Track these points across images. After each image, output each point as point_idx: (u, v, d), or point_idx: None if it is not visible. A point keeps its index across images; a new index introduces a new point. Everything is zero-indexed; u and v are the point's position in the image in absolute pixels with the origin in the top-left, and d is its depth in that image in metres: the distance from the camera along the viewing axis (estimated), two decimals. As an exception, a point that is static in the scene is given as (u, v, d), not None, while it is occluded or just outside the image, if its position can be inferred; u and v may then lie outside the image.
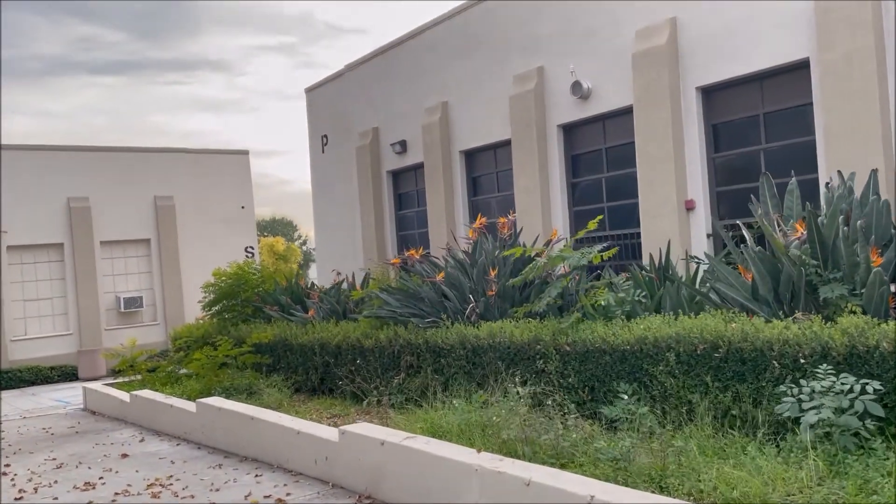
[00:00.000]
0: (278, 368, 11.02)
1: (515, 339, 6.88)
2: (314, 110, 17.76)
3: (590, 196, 10.98)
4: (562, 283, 6.72)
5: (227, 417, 8.00)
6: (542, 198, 11.08)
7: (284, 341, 10.86)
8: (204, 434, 8.52)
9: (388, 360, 8.60)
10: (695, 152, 9.11)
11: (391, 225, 15.17)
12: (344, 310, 11.62)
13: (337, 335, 9.71)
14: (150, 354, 14.20)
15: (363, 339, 9.06)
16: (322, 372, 9.98)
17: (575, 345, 6.25)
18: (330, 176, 17.27)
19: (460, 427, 5.94)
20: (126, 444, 9.17)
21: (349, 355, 9.34)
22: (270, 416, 7.27)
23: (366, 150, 15.32)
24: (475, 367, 7.42)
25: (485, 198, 13.04)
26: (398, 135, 14.56)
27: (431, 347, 7.95)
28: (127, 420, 11.12)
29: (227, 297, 13.42)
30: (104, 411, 12.25)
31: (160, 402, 9.90)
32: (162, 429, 9.83)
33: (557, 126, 11.09)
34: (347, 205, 16.59)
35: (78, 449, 9.06)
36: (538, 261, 6.92)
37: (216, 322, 13.55)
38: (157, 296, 23.34)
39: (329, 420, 8.42)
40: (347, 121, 16.25)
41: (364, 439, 5.68)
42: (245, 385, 10.33)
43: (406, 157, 14.48)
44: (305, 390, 10.39)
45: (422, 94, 13.87)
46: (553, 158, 11.14)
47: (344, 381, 9.49)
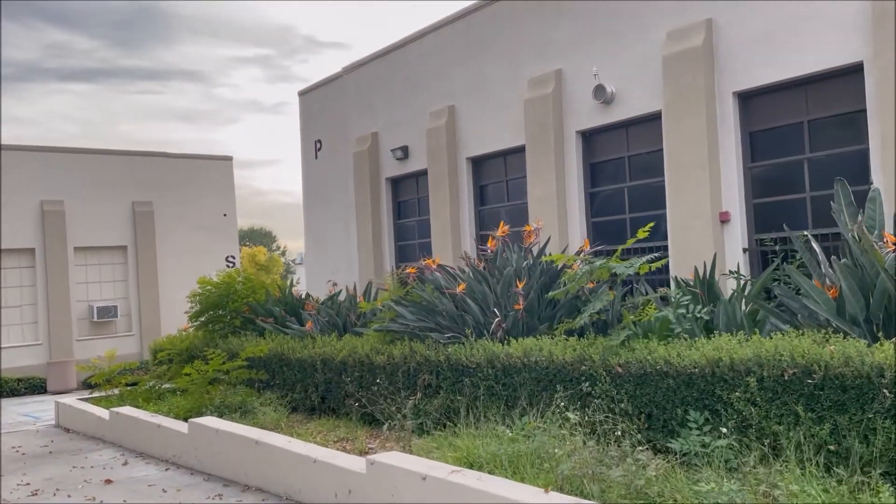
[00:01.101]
0: (272, 385, 10.21)
1: (556, 359, 6.22)
2: (308, 114, 17.04)
3: (610, 206, 10.41)
4: (607, 297, 6.07)
5: (226, 440, 7.21)
6: (558, 207, 10.48)
7: (281, 356, 10.07)
8: (198, 458, 7.69)
9: (403, 378, 7.88)
10: (731, 161, 8.58)
11: (389, 235, 14.46)
12: (344, 323, 10.88)
13: (342, 350, 8.95)
14: (127, 367, 13.28)
15: (373, 354, 8.32)
16: (323, 390, 9.20)
17: (629, 366, 5.61)
18: (323, 183, 16.52)
19: (506, 458, 5.24)
20: (108, 467, 8.30)
21: (356, 372, 8.59)
22: (279, 441, 6.50)
23: (364, 155, 14.62)
24: (505, 388, 6.74)
25: (493, 207, 12.41)
26: (399, 140, 13.90)
27: (454, 365, 7.25)
28: (105, 439, 10.22)
29: (214, 308, 12.57)
30: (79, 429, 11.31)
31: (145, 421, 9.04)
32: (146, 450, 8.97)
33: (576, 132, 10.51)
34: (341, 213, 15.85)
35: (54, 472, 8.17)
36: (579, 271, 6.27)
37: (202, 334, 12.69)
38: (132, 305, 22.30)
39: (337, 444, 7.65)
40: (344, 126, 15.55)
41: (399, 472, 4.95)
42: (238, 403, 9.52)
43: (407, 163, 13.82)
44: (303, 410, 9.60)
45: (426, 98, 13.25)
46: (571, 166, 10.55)
47: (349, 400, 8.74)
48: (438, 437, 6.69)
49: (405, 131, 13.79)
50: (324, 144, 16.42)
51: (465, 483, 4.41)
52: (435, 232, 12.82)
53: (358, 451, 7.24)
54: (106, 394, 12.54)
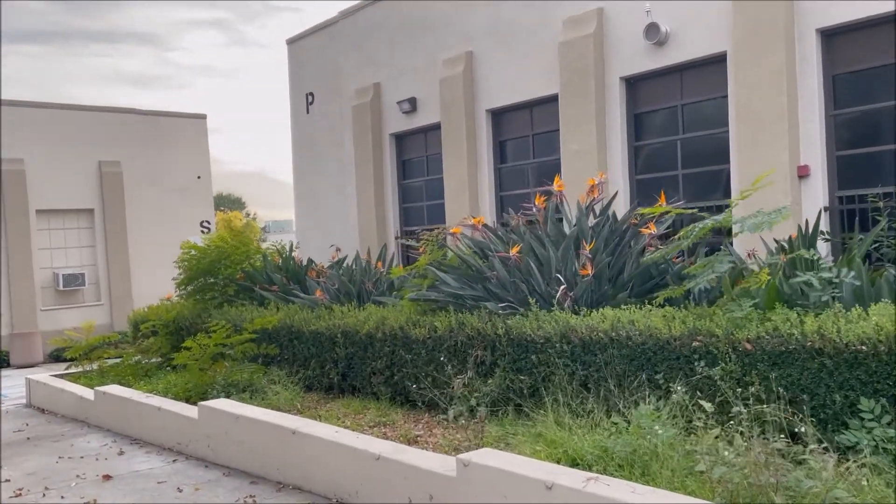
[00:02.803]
0: (279, 361, 9.08)
1: (658, 333, 5.23)
2: (297, 65, 15.62)
3: (658, 161, 9.41)
4: (728, 259, 5.08)
5: (249, 428, 6.10)
6: (598, 163, 9.45)
7: (290, 328, 8.93)
8: (212, 448, 6.57)
9: (448, 354, 6.83)
10: (812, 109, 7.63)
11: (394, 196, 13.29)
12: (359, 291, 9.76)
13: (367, 322, 7.86)
14: (107, 340, 11.98)
15: (409, 327, 7.25)
16: (344, 367, 8.12)
17: (761, 341, 4.65)
18: (315, 139, 15.21)
19: (622, 455, 4.25)
20: (101, 457, 7.13)
21: (386, 347, 7.52)
22: (323, 431, 5.42)
23: (365, 109, 13.35)
24: (584, 367, 5.74)
25: (516, 165, 11.32)
26: (406, 91, 12.66)
27: (516, 340, 6.22)
28: (89, 422, 9.02)
29: (205, 275, 11.30)
30: (56, 409, 10.06)
31: (140, 403, 7.86)
32: (142, 436, 7.81)
33: (620, 78, 9.44)
34: (337, 173, 14.60)
35: (38, 464, 6.97)
36: (696, 226, 5.26)
37: (191, 304, 11.43)
38: (101, 273, 20.75)
39: (374, 430, 6.61)
40: (340, 76, 14.22)
41: (507, 478, 3.91)
42: (245, 382, 8.39)
43: (415, 117, 12.61)
44: (319, 388, 8.50)
45: (438, 45, 12.01)
46: (613, 117, 9.50)
47: (377, 379, 7.68)
48: (516, 426, 5.69)
49: (413, 81, 12.55)
50: (316, 97, 15.07)
51: (616, 498, 3.39)
52: (449, 192, 11.71)
53: (403, 438, 6.21)
54: (83, 369, 11.28)
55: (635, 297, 6.43)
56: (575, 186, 8.92)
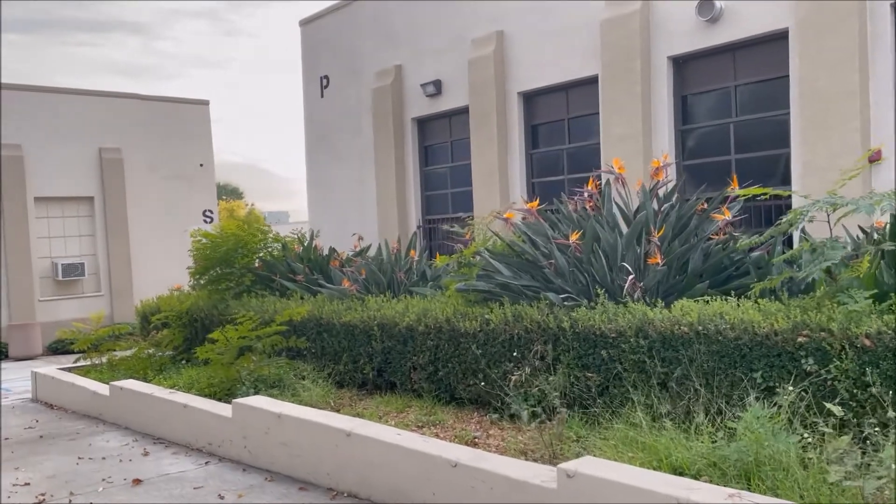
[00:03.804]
0: (306, 355, 8.56)
1: (756, 328, 4.75)
2: (311, 47, 15.03)
3: (708, 146, 8.93)
4: (841, 247, 4.60)
5: (295, 429, 5.58)
6: (643, 148, 8.96)
7: (319, 320, 8.41)
8: (248, 450, 6.06)
9: (501, 348, 6.33)
10: (886, 89, 7.16)
11: (415, 183, 12.75)
12: (390, 281, 9.26)
13: (407, 314, 7.35)
14: (116, 332, 11.42)
15: (458, 319, 6.74)
16: (380, 362, 7.61)
17: (882, 337, 4.17)
18: (330, 125, 14.63)
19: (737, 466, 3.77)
20: (124, 458, 6.60)
21: (429, 341, 7.01)
22: (384, 434, 4.91)
23: (385, 92, 12.80)
24: (664, 364, 5.26)
25: (550, 150, 10.81)
26: (431, 74, 12.12)
27: (583, 334, 5.73)
28: (104, 419, 8.49)
29: (221, 264, 10.75)
30: (66, 405, 9.52)
31: (163, 399, 7.33)
32: (164, 435, 7.29)
33: (668, 58, 8.94)
34: (353, 159, 14.05)
35: (57, 466, 6.44)
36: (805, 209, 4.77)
37: (205, 294, 10.87)
38: (101, 263, 20.11)
39: (422, 430, 6.11)
40: (358, 58, 13.65)
41: (628, 492, 3.41)
42: (274, 377, 7.88)
43: (440, 100, 12.07)
44: (352, 385, 7.99)
45: (466, 23, 11.46)
46: (659, 99, 9.01)
47: (418, 374, 7.19)
48: (587, 428, 5.20)
49: (438, 63, 12.01)
50: (331, 81, 14.49)
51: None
52: (478, 179, 11.19)
53: (459, 440, 5.71)
54: (92, 362, 10.73)
55: (710, 288, 5.95)
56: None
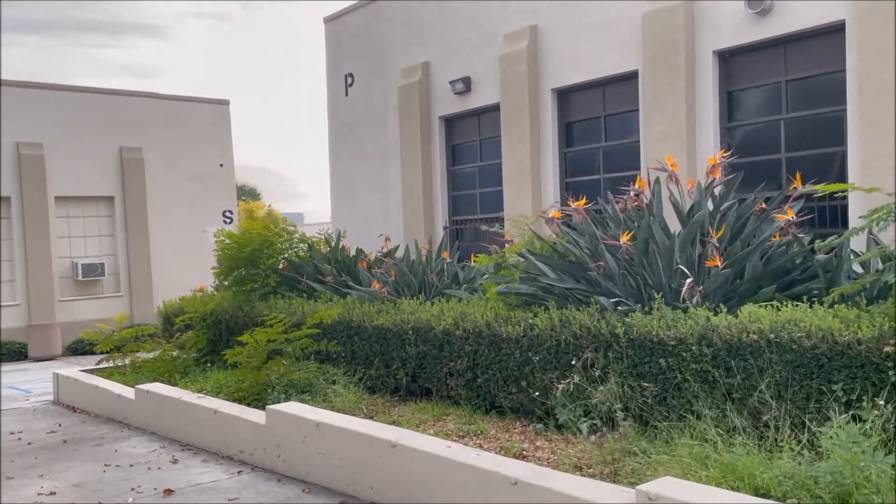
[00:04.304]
0: (335, 359, 8.28)
1: (835, 336, 4.40)
2: (335, 44, 14.78)
3: (756, 144, 8.56)
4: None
5: (334, 438, 5.29)
6: (687, 145, 8.61)
7: (350, 323, 8.12)
8: (283, 459, 5.77)
9: (546, 355, 6.01)
10: (952, 83, 6.80)
11: (442, 183, 12.46)
12: (421, 283, 8.96)
13: (444, 317, 7.04)
14: (139, 334, 11.20)
15: (499, 323, 6.43)
16: (415, 367, 7.30)
17: None
18: (355, 123, 14.37)
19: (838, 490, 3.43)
20: (153, 466, 6.34)
21: (468, 346, 6.70)
22: (431, 445, 4.61)
23: (412, 90, 12.51)
24: (729, 374, 4.92)
25: (585, 149, 10.47)
26: (460, 70, 11.81)
27: (638, 341, 5.40)
28: (129, 423, 8.25)
29: (247, 265, 10.50)
30: (90, 408, 9.30)
31: (193, 405, 7.07)
32: (194, 441, 7.02)
33: (713, 52, 8.59)
34: (378, 158, 13.77)
35: (83, 473, 6.18)
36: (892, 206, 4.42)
37: (230, 295, 10.62)
38: (120, 263, 19.96)
39: (463, 441, 5.80)
40: (385, 55, 13.38)
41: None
42: (304, 382, 7.60)
43: (469, 98, 11.77)
44: (384, 390, 7.70)
45: (497, 19, 11.15)
46: (704, 95, 8.66)
47: (455, 381, 6.88)
48: (644, 441, 4.87)
49: (467, 59, 11.71)
50: (356, 78, 14.23)
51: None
52: (509, 178, 10.87)
53: (505, 451, 5.40)
54: (114, 364, 10.52)
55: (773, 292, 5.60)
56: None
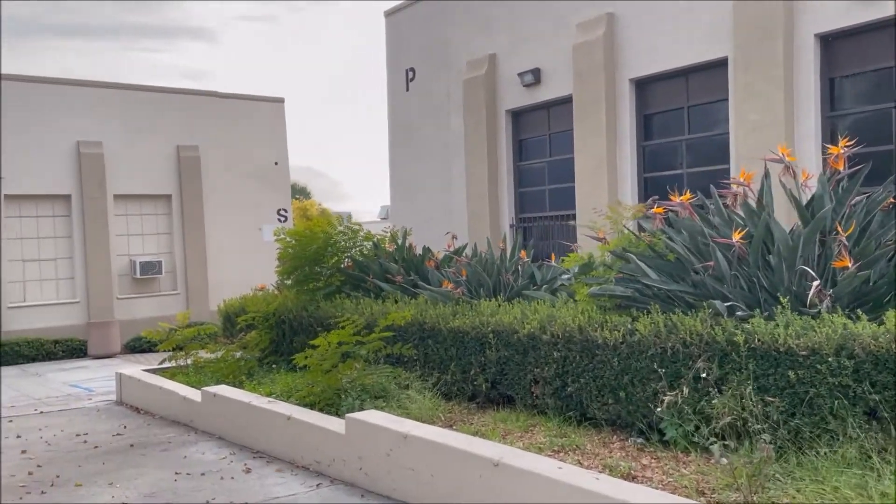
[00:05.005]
0: (406, 362, 7.88)
1: None
2: (396, 39, 14.44)
3: (865, 133, 7.84)
4: None
5: (425, 453, 4.87)
6: (785, 136, 7.98)
7: (423, 325, 7.71)
8: (366, 473, 5.38)
9: (649, 363, 5.50)
10: None
11: (509, 179, 11.99)
12: (495, 283, 8.52)
13: (528, 321, 6.57)
14: (203, 333, 10.99)
15: (592, 328, 5.93)
16: (495, 373, 6.85)
17: None
18: (416, 119, 14.00)
19: None
20: (225, 475, 6.02)
21: (556, 352, 6.22)
22: (540, 465, 4.13)
23: (478, 83, 12.07)
24: (875, 389, 4.34)
25: (666, 142, 9.88)
26: (529, 62, 11.33)
27: (761, 351, 4.85)
28: (195, 426, 7.99)
29: (311, 263, 10.19)
30: (154, 409, 9.09)
31: (264, 410, 6.75)
32: (265, 449, 6.70)
33: (815, 36, 7.94)
34: (440, 154, 13.37)
35: (154, 482, 5.89)
36: None
37: (293, 295, 10.33)
38: (177, 261, 20.00)
39: (557, 456, 5.33)
40: (448, 48, 12.97)
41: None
42: (378, 387, 7.22)
43: (538, 90, 11.28)
44: (461, 396, 7.26)
45: (570, 7, 10.64)
46: (804, 82, 8.02)
47: (540, 389, 6.41)
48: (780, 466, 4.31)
49: (537, 50, 11.21)
50: (417, 73, 13.86)
51: None
52: (582, 173, 10.34)
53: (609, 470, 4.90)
54: (177, 364, 10.32)
55: (912, 296, 4.99)
56: (751, 163, 7.49)
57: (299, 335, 9.51)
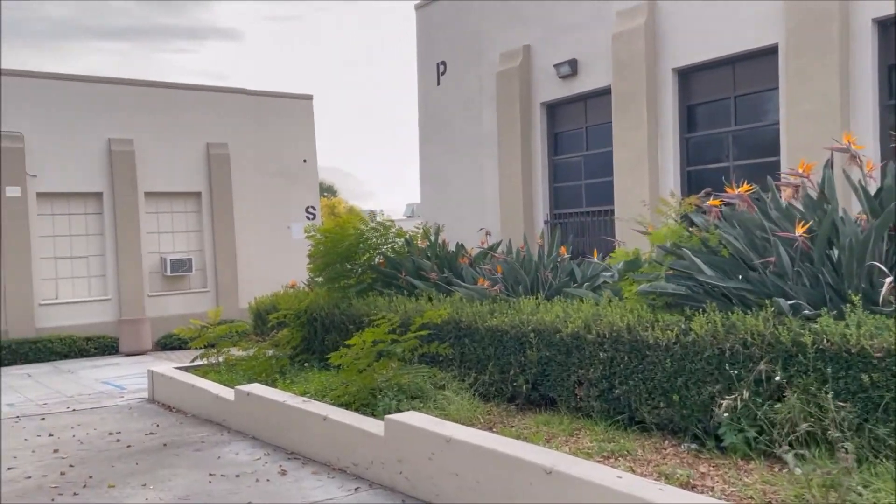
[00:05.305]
0: (441, 361, 7.65)
1: None
2: (427, 32, 14.20)
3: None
4: None
5: (470, 457, 4.62)
6: (840, 126, 7.59)
7: (458, 324, 7.47)
8: (407, 477, 5.16)
9: (706, 365, 5.19)
10: None
11: (543, 174, 11.70)
12: (533, 281, 8.24)
13: (572, 319, 6.29)
14: (235, 331, 10.85)
15: (643, 327, 5.64)
16: (536, 374, 6.58)
17: None
18: (446, 114, 13.76)
19: None
20: (261, 477, 5.84)
21: (602, 352, 5.93)
22: (598, 474, 3.87)
23: (511, 75, 11.79)
24: (960, 392, 4.00)
25: (711, 133, 9.53)
26: (565, 53, 11.03)
27: (831, 353, 4.52)
28: (228, 426, 7.84)
29: (342, 260, 10.00)
30: (186, 408, 8.97)
31: (299, 410, 6.56)
32: (300, 450, 6.51)
33: (872, 21, 7.56)
34: (471, 149, 13.12)
35: (188, 484, 5.73)
36: None
37: (324, 292, 10.15)
38: (207, 259, 20.00)
39: (608, 462, 5.04)
40: (481, 41, 12.71)
41: None
42: (414, 387, 6.99)
43: (575, 82, 10.97)
44: (499, 398, 7.00)
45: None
46: (861, 68, 7.64)
47: (585, 391, 6.13)
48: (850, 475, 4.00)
49: (574, 41, 10.90)
50: (449, 67, 13.61)
51: None
52: (621, 167, 10.02)
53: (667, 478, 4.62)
54: (208, 362, 10.21)
55: None
56: (804, 154, 7.12)
57: (331, 333, 9.35)
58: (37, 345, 16.51)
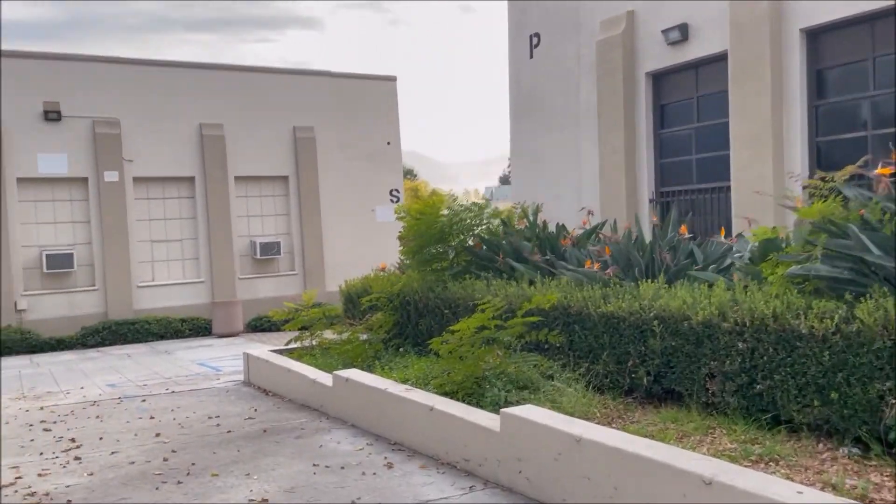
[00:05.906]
0: (547, 349, 7.13)
1: None
2: (519, 3, 13.57)
3: None
4: None
5: (604, 460, 4.11)
6: None
7: (567, 310, 6.92)
8: (527, 477, 4.69)
9: (874, 359, 4.49)
10: None
11: (648, 149, 10.94)
12: (648, 263, 7.60)
13: (702, 305, 5.66)
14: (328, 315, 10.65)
15: (792, 315, 4.96)
16: (659, 365, 5.98)
17: None
18: (540, 88, 13.13)
19: None
20: (365, 469, 5.51)
21: (741, 343, 5.28)
22: (776, 489, 3.29)
23: (614, 44, 11.05)
24: None
25: (844, 100, 8.59)
26: (674, 17, 10.21)
27: None
28: (326, 412, 7.59)
29: (436, 242, 9.59)
30: (282, 392, 8.81)
31: (402, 399, 6.20)
32: (402, 440, 6.15)
33: None
34: (567, 124, 12.45)
35: (293, 475, 5.45)
36: None
37: (417, 275, 9.78)
38: (294, 242, 20.10)
39: (757, 468, 4.43)
40: (577, 10, 12.00)
41: None
42: (522, 377, 6.52)
43: (685, 48, 10.15)
44: (615, 390, 6.43)
45: (725, -47, 9.44)
46: None
47: (718, 385, 5.50)
48: None
49: (684, 4, 10.07)
50: (543, 39, 12.95)
51: None
52: (739, 138, 9.18)
53: (830, 488, 3.99)
54: (302, 345, 10.04)
55: None
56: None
57: (425, 317, 8.99)
58: (135, 325, 16.94)
